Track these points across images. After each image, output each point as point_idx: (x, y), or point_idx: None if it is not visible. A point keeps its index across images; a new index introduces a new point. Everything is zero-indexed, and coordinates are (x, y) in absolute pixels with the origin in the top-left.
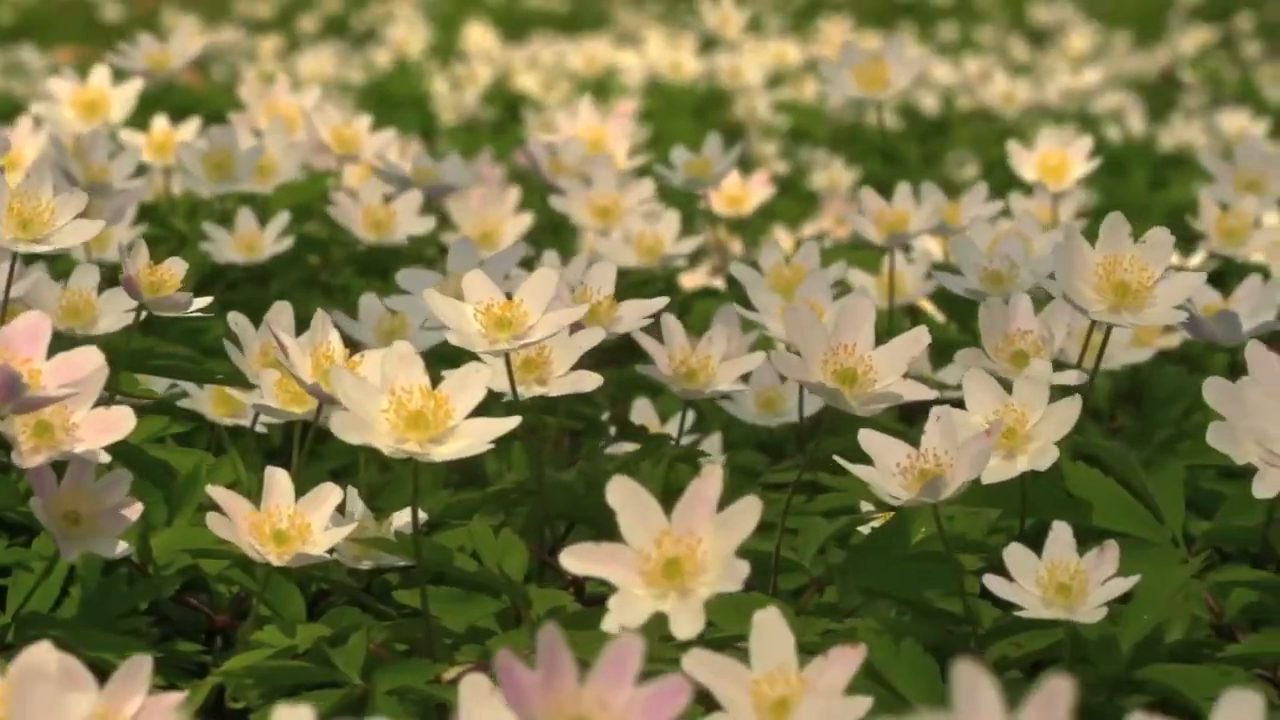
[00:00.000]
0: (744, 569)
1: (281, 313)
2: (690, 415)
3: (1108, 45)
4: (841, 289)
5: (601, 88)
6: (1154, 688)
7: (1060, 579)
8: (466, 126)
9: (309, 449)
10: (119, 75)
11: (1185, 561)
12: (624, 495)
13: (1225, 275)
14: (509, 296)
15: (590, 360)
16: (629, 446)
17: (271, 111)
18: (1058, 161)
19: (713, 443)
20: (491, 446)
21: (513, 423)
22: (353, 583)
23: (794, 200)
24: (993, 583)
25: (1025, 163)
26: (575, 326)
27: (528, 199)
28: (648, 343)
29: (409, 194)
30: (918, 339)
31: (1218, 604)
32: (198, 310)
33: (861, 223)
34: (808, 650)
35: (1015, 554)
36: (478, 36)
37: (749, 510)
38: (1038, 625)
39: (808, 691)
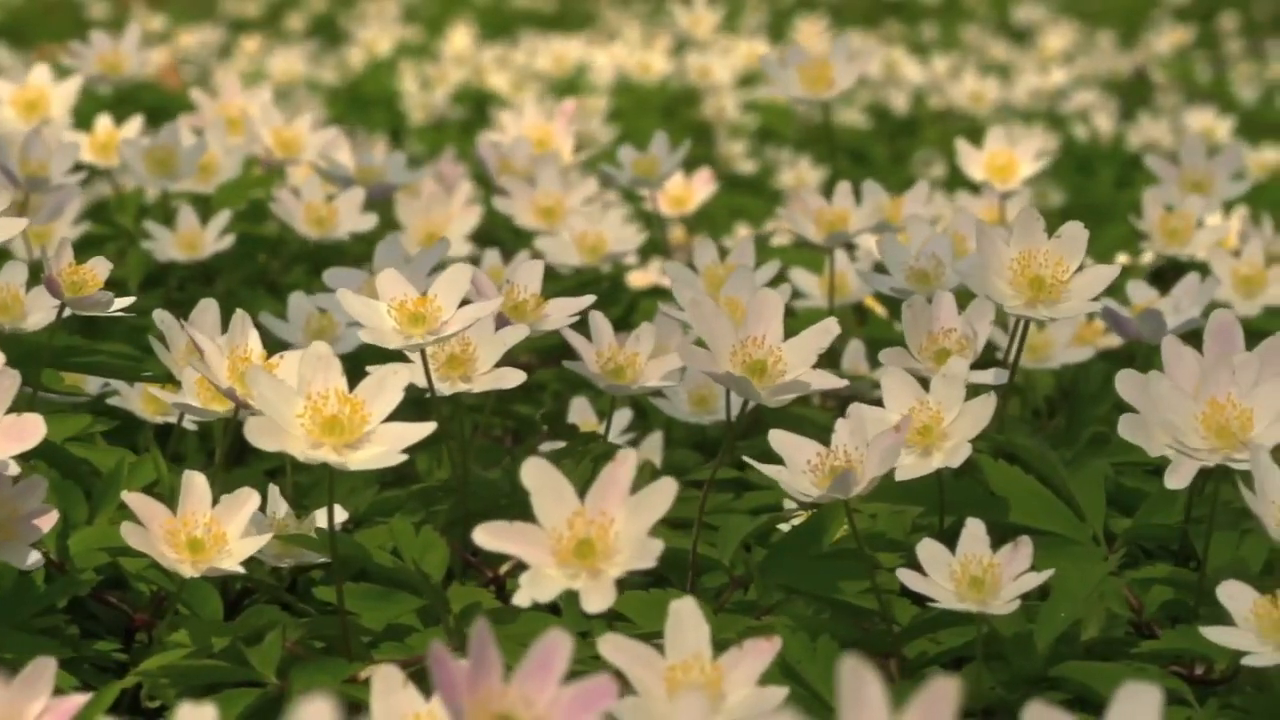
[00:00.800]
0: (657, 546)
1: (206, 312)
2: (630, 414)
3: (1090, 44)
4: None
5: (571, 87)
6: (1070, 685)
7: (973, 573)
8: (435, 126)
9: (245, 446)
10: (62, 73)
11: (1105, 559)
12: (538, 477)
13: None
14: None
15: (536, 359)
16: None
17: (223, 113)
18: (1005, 161)
19: (653, 441)
20: (405, 457)
21: (429, 428)
22: (273, 581)
23: (761, 199)
24: (906, 576)
25: (973, 162)
26: (501, 322)
27: (488, 198)
28: (575, 339)
29: (351, 191)
30: (827, 330)
31: (1139, 601)
32: (120, 310)
33: (801, 222)
34: (726, 649)
35: (928, 549)
36: (460, 38)
37: (663, 492)
38: (954, 621)
39: (722, 680)
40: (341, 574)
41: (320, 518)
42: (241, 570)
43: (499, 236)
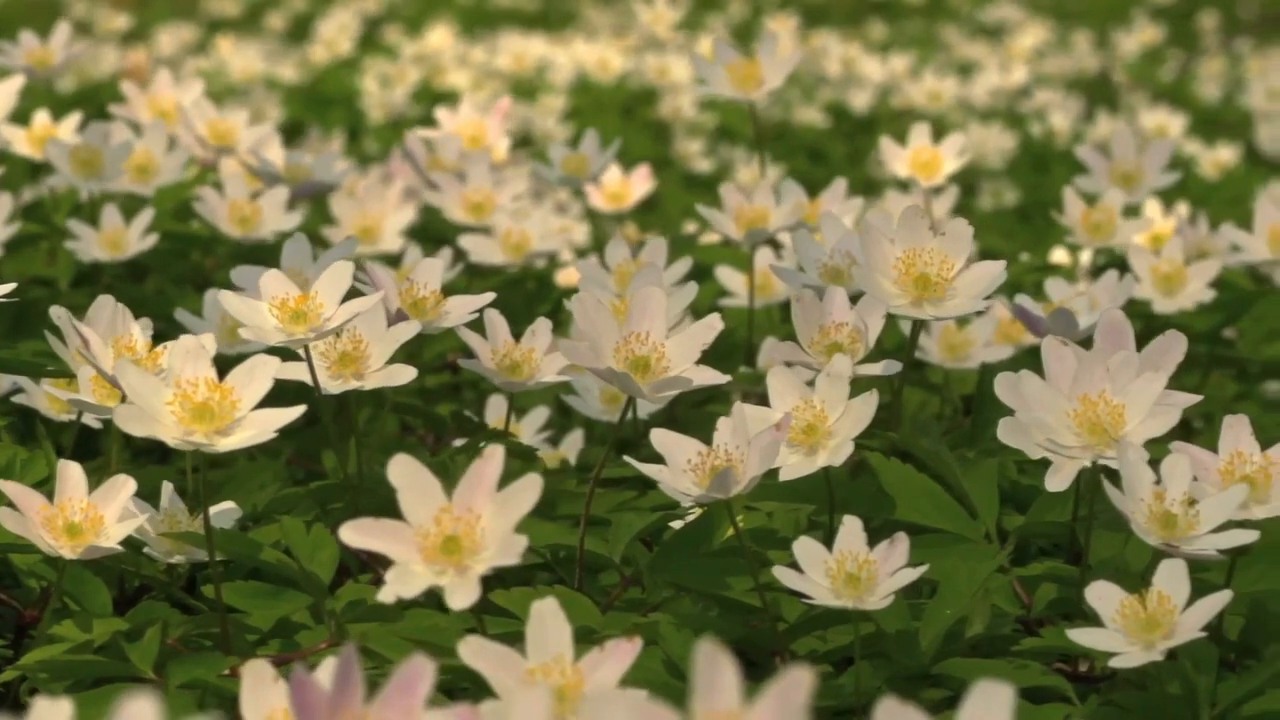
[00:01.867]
0: (521, 543)
1: (102, 309)
2: (547, 413)
3: (1065, 44)
4: (714, 287)
5: (531, 86)
6: (952, 682)
7: (849, 570)
8: (393, 124)
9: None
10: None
11: (994, 556)
12: (405, 473)
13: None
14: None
15: (464, 357)
16: None
17: (154, 106)
18: (929, 158)
19: (572, 439)
20: (275, 435)
21: (297, 411)
22: (164, 578)
23: (717, 197)
24: (783, 574)
25: (897, 159)
26: (399, 318)
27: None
28: (470, 337)
29: (275, 190)
30: (710, 326)
31: (1030, 598)
32: (3, 298)
33: (720, 219)
34: None
35: (804, 547)
36: (438, 37)
37: (529, 488)
38: (841, 619)
39: (583, 682)
40: (219, 569)
41: (214, 515)
42: (120, 548)
43: (444, 233)
